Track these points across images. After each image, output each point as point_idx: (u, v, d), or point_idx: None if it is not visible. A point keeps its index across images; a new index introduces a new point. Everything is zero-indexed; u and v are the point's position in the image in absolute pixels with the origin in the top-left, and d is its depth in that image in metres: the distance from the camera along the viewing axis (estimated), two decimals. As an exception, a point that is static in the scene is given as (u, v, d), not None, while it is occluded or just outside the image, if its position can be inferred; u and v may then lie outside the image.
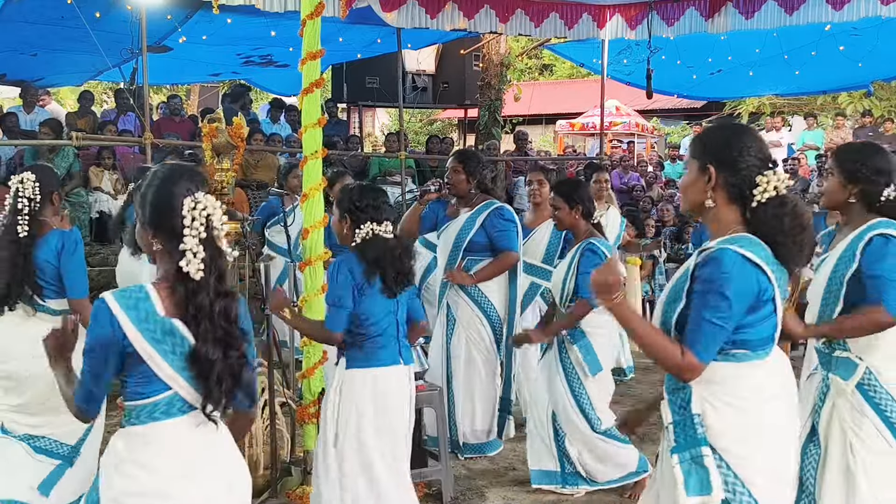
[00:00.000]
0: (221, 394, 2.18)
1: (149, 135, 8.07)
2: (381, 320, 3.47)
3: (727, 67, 11.12)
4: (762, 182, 2.28)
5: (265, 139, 10.04)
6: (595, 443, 4.38)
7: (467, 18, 7.94)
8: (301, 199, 4.21)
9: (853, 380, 3.00)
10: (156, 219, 2.21)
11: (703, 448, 2.28)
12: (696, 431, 2.30)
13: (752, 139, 2.34)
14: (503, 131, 12.79)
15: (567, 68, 23.41)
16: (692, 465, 2.29)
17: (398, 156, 9.57)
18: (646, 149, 17.83)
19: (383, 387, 3.48)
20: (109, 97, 17.73)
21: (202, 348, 2.14)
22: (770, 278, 2.26)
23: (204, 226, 2.16)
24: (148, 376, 2.16)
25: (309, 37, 4.13)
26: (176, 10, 8.60)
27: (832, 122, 15.58)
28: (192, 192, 2.19)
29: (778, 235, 2.27)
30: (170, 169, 2.31)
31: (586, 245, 4.34)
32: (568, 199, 4.37)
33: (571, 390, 4.38)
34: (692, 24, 8.24)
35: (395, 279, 3.47)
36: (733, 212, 2.33)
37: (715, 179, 2.31)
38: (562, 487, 4.47)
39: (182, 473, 2.18)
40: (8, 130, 9.21)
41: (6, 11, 8.06)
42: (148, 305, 2.14)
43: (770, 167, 2.30)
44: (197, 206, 2.17)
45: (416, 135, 20.76)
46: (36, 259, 3.61)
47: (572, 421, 4.39)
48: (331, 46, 6.41)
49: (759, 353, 2.32)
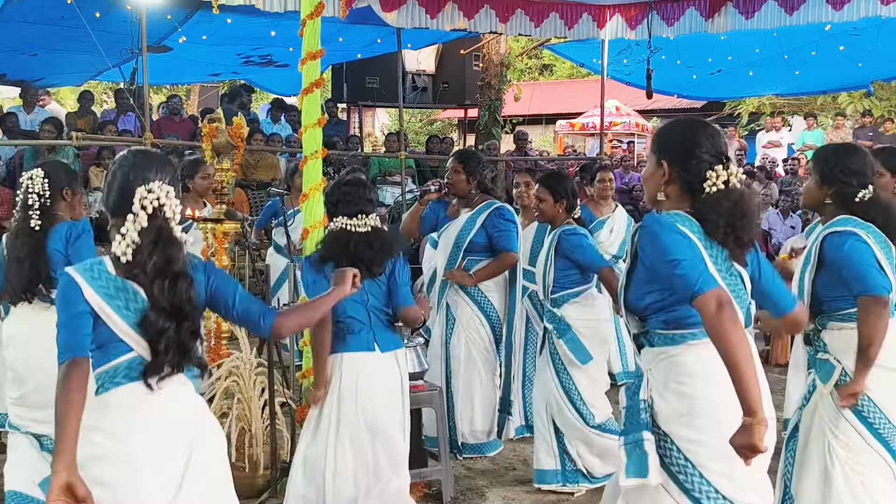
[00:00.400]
0: (166, 363, 2.29)
1: (149, 135, 8.07)
2: (347, 307, 3.50)
3: (727, 67, 11.12)
4: (711, 177, 2.39)
5: (265, 139, 10.04)
6: (590, 437, 4.40)
7: (467, 18, 7.94)
8: (301, 198, 4.21)
9: (831, 381, 3.04)
10: (113, 204, 2.38)
11: (644, 432, 2.36)
12: (640, 416, 2.39)
13: (705, 136, 2.44)
14: (503, 131, 12.79)
15: (567, 68, 23.39)
16: (634, 449, 2.38)
17: (398, 156, 9.57)
18: (646, 149, 17.81)
19: (355, 371, 3.52)
20: (109, 97, 17.72)
21: (151, 315, 2.28)
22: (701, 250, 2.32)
23: (151, 215, 2.31)
24: (108, 338, 2.28)
25: (309, 37, 4.12)
26: (176, 10, 8.60)
27: (832, 122, 15.57)
28: (147, 181, 2.33)
29: (710, 213, 2.36)
30: (132, 156, 2.44)
31: (561, 230, 4.40)
32: (553, 192, 4.41)
33: (562, 385, 4.41)
34: (692, 24, 8.24)
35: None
36: (685, 203, 2.44)
37: (668, 174, 2.45)
38: (562, 486, 4.47)
39: (140, 437, 2.26)
40: (8, 131, 9.21)
41: (6, 11, 8.06)
42: (102, 267, 2.32)
43: (722, 162, 2.40)
44: (148, 195, 2.31)
45: (416, 135, 20.76)
46: (47, 250, 3.60)
47: (566, 417, 4.41)
48: (331, 46, 6.41)
49: (698, 334, 2.37)
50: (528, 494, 4.54)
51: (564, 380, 4.40)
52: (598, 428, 4.40)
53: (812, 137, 14.69)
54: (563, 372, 4.40)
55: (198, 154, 5.73)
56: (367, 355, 3.57)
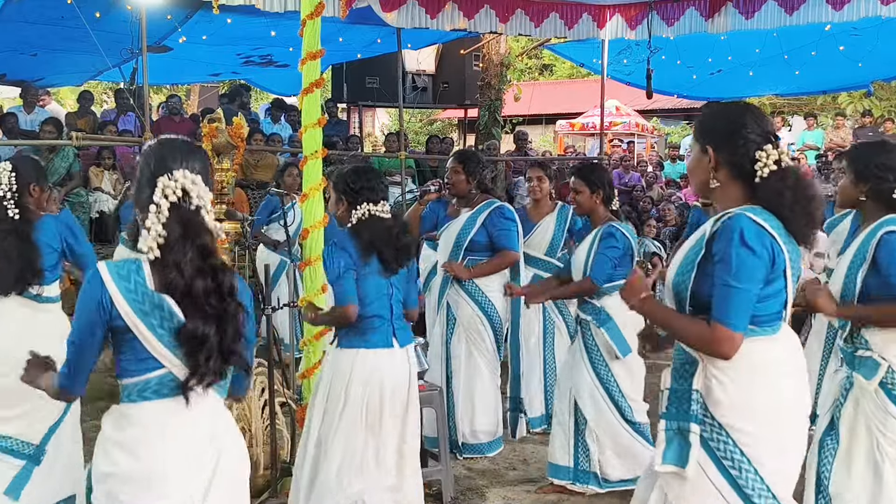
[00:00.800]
0: (208, 370, 2.15)
1: (149, 135, 8.05)
2: (375, 301, 3.51)
3: (727, 67, 11.12)
4: (761, 157, 2.31)
5: (265, 139, 10.03)
6: (621, 433, 4.33)
7: (467, 18, 7.94)
8: (301, 198, 4.21)
9: (875, 379, 3.00)
10: (139, 198, 2.21)
11: (692, 424, 2.30)
12: (691, 407, 2.32)
13: (748, 116, 2.37)
14: (503, 131, 12.79)
15: (567, 68, 23.41)
16: (676, 436, 2.33)
17: (398, 156, 9.56)
18: (646, 149, 17.82)
19: (372, 368, 3.50)
20: (109, 97, 17.72)
21: (189, 324, 2.12)
22: (782, 249, 2.27)
23: (175, 203, 2.14)
24: (139, 352, 2.15)
25: (309, 37, 4.13)
26: (176, 10, 8.60)
27: (832, 122, 15.57)
28: (171, 171, 2.16)
29: (783, 210, 2.28)
30: (156, 145, 2.29)
31: (606, 228, 4.35)
32: (589, 183, 4.36)
33: (598, 376, 4.32)
34: (692, 24, 8.23)
35: (394, 257, 3.51)
36: (738, 189, 2.35)
37: (714, 159, 2.36)
38: (572, 484, 4.44)
39: (163, 459, 2.15)
40: (8, 131, 9.21)
41: (6, 11, 8.06)
42: (139, 278, 2.13)
43: (770, 141, 2.32)
44: (171, 183, 2.14)
45: (416, 135, 20.76)
46: (37, 243, 3.58)
47: (601, 410, 4.31)
48: (331, 46, 6.41)
49: (767, 329, 2.32)
50: (528, 494, 4.54)
51: (602, 372, 4.32)
52: (632, 425, 4.33)
53: (812, 137, 14.69)
54: (600, 364, 4.32)
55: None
56: (388, 352, 3.55)
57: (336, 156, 9.77)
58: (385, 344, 3.55)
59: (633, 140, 17.77)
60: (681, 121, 21.61)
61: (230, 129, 4.19)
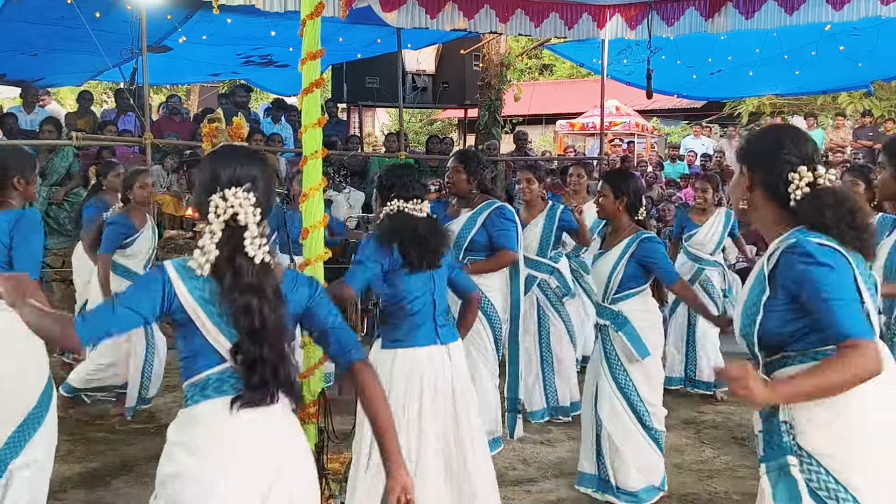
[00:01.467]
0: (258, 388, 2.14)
1: (149, 135, 8.07)
2: (420, 297, 3.48)
3: (727, 67, 11.14)
4: (794, 179, 2.28)
5: (265, 139, 10.04)
6: (638, 439, 4.26)
7: (467, 18, 7.95)
8: (301, 198, 4.21)
9: None
10: (199, 208, 2.23)
11: (788, 457, 2.20)
12: (783, 439, 2.22)
13: (787, 138, 2.35)
14: (503, 131, 12.79)
15: (567, 68, 23.42)
16: (780, 476, 2.22)
17: (398, 156, 9.57)
18: (646, 149, 17.82)
19: (415, 366, 3.46)
20: (109, 97, 17.73)
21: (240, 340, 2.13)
22: (849, 261, 2.19)
23: (226, 224, 2.14)
24: (200, 345, 2.16)
25: (309, 37, 4.12)
26: (176, 10, 8.61)
27: (832, 122, 15.58)
28: (222, 188, 2.16)
29: (830, 230, 2.22)
30: (215, 155, 2.28)
31: (642, 236, 4.24)
32: (615, 189, 4.30)
33: (617, 384, 4.26)
34: (692, 24, 8.24)
35: (418, 256, 3.47)
36: (773, 210, 2.33)
37: (750, 180, 2.36)
38: (595, 492, 4.40)
39: (222, 457, 2.13)
40: (7, 131, 9.22)
41: (6, 11, 8.07)
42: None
43: (806, 164, 2.29)
44: (222, 203, 2.14)
45: (416, 135, 20.77)
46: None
47: (617, 412, 4.26)
48: (331, 46, 6.41)
49: None
50: (528, 494, 4.54)
51: (620, 378, 4.26)
52: (648, 431, 4.26)
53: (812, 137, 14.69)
54: (618, 369, 4.26)
55: (198, 153, 5.71)
56: (432, 349, 3.50)
57: (336, 156, 9.79)
58: (429, 341, 3.51)
59: (633, 140, 17.77)
60: (681, 121, 21.61)
61: (230, 129, 4.20)
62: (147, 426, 5.50)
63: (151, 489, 2.23)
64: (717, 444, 5.33)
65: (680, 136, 19.65)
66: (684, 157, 14.55)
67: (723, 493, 4.53)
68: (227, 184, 2.17)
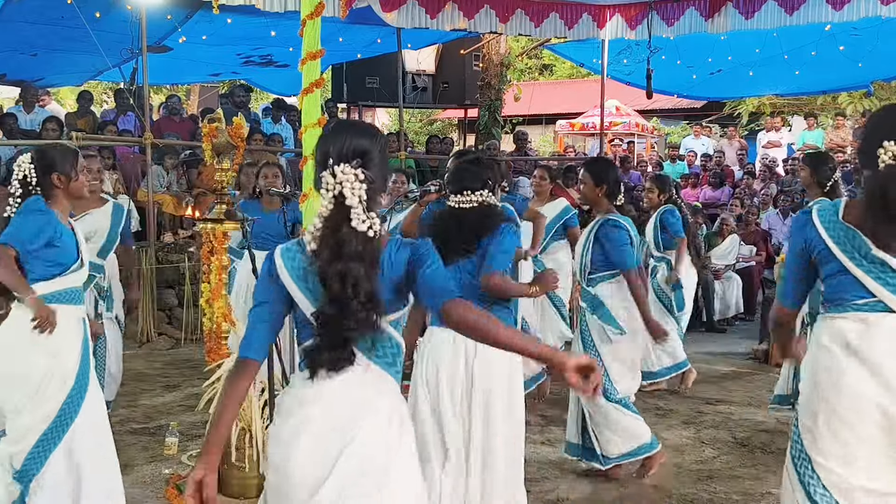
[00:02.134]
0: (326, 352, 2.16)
1: (149, 135, 8.08)
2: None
3: (727, 67, 11.14)
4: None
5: (265, 139, 10.04)
6: (608, 410, 4.45)
7: (467, 18, 7.96)
8: (301, 198, 4.22)
9: None
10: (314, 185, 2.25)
11: None
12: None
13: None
14: (503, 131, 12.81)
15: (567, 68, 23.40)
16: None
17: (398, 156, 9.57)
18: (646, 149, 17.82)
19: (435, 345, 3.46)
20: (109, 97, 17.73)
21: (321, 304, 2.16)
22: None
23: (332, 202, 2.15)
24: (303, 320, 2.21)
25: (309, 37, 4.13)
26: (176, 10, 8.62)
27: (832, 122, 15.58)
28: (332, 165, 2.15)
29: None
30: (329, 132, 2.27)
31: (603, 220, 4.46)
32: (594, 177, 4.50)
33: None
34: (692, 24, 8.25)
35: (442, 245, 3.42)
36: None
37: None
38: (580, 460, 4.63)
39: (297, 420, 2.19)
40: (7, 131, 9.22)
41: (6, 11, 8.07)
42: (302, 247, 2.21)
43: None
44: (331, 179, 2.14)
45: (416, 135, 20.76)
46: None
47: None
48: (331, 46, 6.42)
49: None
50: (527, 494, 4.53)
51: (590, 352, 4.43)
52: (618, 402, 4.46)
53: (812, 137, 14.69)
54: (590, 348, 4.47)
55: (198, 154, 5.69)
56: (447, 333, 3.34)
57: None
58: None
59: (633, 140, 17.75)
60: (681, 121, 21.59)
61: (230, 129, 4.19)
62: (147, 426, 5.50)
63: (152, 489, 2.24)
64: (717, 444, 5.33)
65: (680, 137, 19.64)
66: (684, 158, 14.54)
67: (723, 493, 4.53)
68: (337, 159, 2.16)
